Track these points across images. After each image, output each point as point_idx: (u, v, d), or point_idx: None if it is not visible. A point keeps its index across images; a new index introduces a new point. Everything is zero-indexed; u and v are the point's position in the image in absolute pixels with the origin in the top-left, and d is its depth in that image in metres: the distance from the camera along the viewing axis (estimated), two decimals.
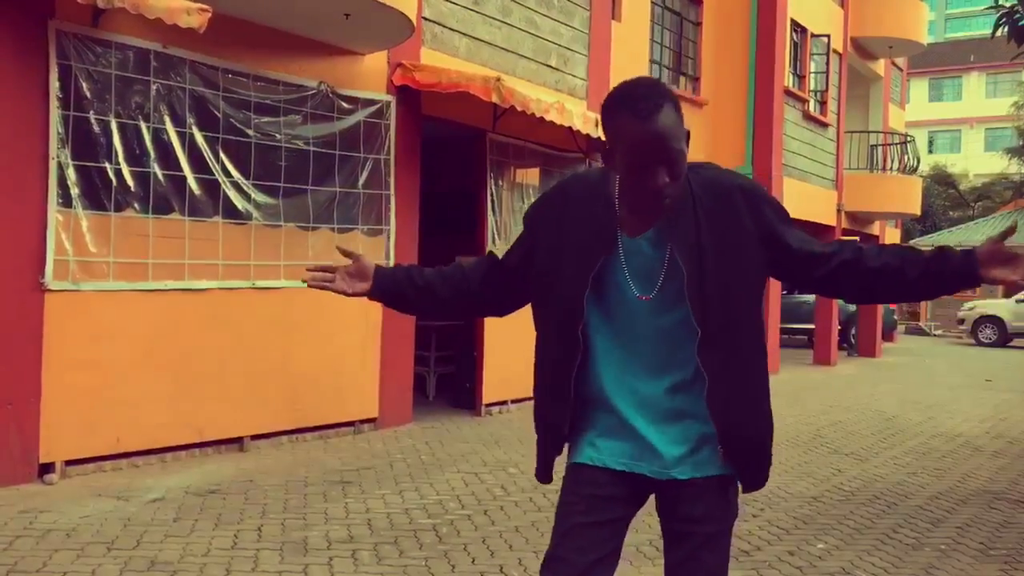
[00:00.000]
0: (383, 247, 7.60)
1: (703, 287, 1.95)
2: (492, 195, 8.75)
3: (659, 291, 1.99)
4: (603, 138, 2.01)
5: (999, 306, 25.11)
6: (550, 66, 9.55)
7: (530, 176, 9.33)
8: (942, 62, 51.07)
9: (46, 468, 5.48)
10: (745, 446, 2.06)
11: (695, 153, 11.37)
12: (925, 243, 32.50)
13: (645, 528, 5.04)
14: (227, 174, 6.40)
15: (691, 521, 2.06)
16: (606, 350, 2.06)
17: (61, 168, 5.49)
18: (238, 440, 6.56)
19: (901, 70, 23.17)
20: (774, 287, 14.29)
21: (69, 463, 5.60)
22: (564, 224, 2.04)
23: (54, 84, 5.44)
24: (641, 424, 2.04)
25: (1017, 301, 24.75)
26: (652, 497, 2.16)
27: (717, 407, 2.00)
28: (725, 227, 1.98)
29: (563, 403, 2.08)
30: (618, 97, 1.91)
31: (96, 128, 5.66)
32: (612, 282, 2.02)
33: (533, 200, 2.18)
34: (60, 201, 5.49)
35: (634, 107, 1.86)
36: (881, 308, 19.20)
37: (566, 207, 2.05)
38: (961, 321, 25.71)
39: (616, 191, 2.01)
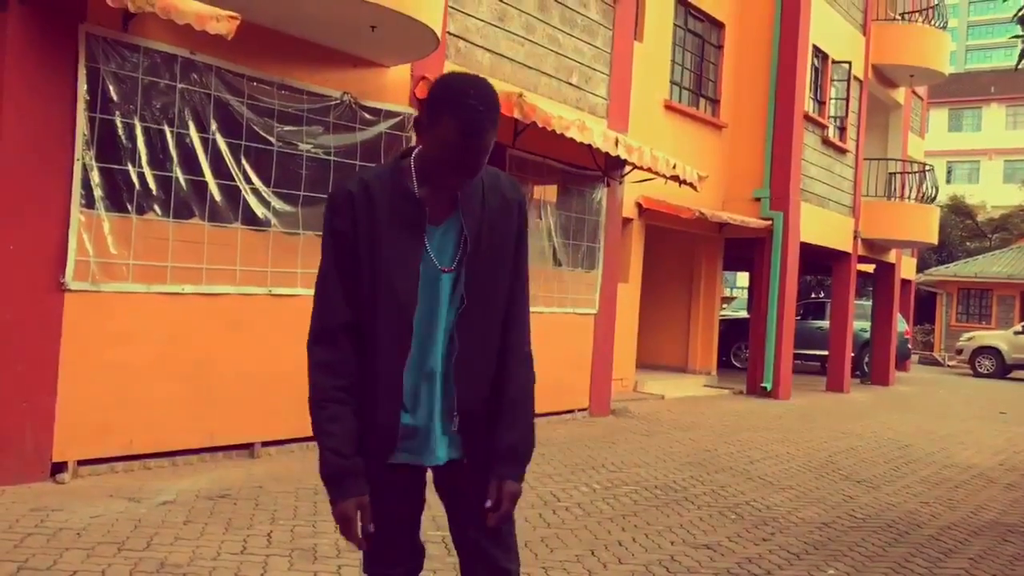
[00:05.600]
0: None
1: (475, 263, 2.16)
2: None
3: (457, 264, 2.16)
4: (427, 115, 2.05)
5: (997, 337, 25.00)
6: (571, 84, 9.59)
7: (548, 193, 9.36)
8: (962, 92, 50.96)
9: (58, 467, 5.50)
10: (474, 420, 2.20)
11: (714, 176, 11.35)
12: (941, 274, 32.38)
13: (655, 548, 5.01)
14: (248, 181, 6.44)
15: (484, 494, 2.19)
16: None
17: (85, 169, 5.54)
18: (249, 446, 6.57)
19: (921, 99, 23.15)
20: (789, 312, 14.25)
21: (81, 463, 5.62)
22: (375, 224, 2.11)
23: (82, 86, 5.50)
24: (434, 412, 2.18)
25: (1015, 333, 24.62)
26: None
27: (460, 376, 2.17)
28: (500, 223, 2.20)
29: (396, 398, 2.15)
30: (459, 97, 2.00)
31: (121, 131, 5.71)
32: (423, 265, 2.15)
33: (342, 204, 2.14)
34: (83, 202, 5.54)
35: (470, 119, 1.99)
36: (896, 337, 19.11)
37: (372, 206, 2.11)
38: (959, 351, 25.58)
39: (415, 185, 2.13)
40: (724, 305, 22.22)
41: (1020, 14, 8.04)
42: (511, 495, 2.18)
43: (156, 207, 5.92)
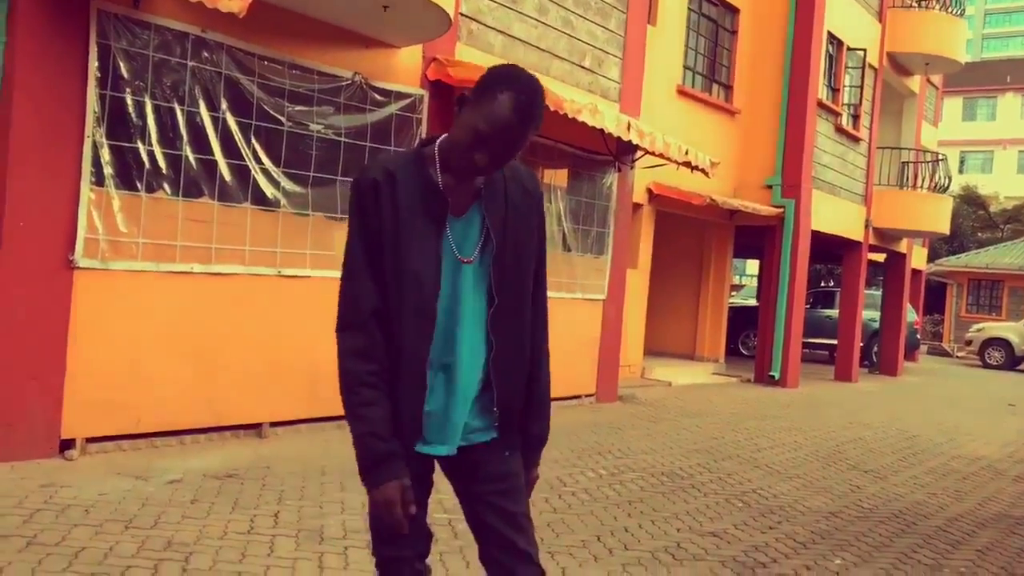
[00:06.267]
0: None
1: (502, 258, 2.18)
2: None
3: (479, 255, 2.17)
4: (482, 102, 2.05)
5: (1007, 328, 24.88)
6: (584, 67, 9.52)
7: (558, 177, 9.31)
8: (977, 81, 50.53)
9: (67, 444, 5.52)
10: (512, 412, 2.26)
11: (726, 162, 11.26)
12: (952, 264, 32.20)
13: (661, 535, 5.01)
14: (258, 161, 6.42)
15: (496, 479, 2.25)
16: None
17: (96, 147, 5.53)
18: (257, 426, 6.57)
19: (936, 88, 22.95)
20: (799, 300, 14.19)
21: (90, 440, 5.63)
22: (398, 212, 2.11)
23: (93, 63, 5.48)
24: (455, 400, 2.19)
25: None
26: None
27: (499, 375, 2.20)
28: (522, 217, 2.23)
29: (421, 386, 2.14)
30: (512, 79, 2.04)
31: (132, 109, 5.69)
32: (443, 255, 2.16)
33: (368, 187, 2.12)
34: (93, 180, 5.53)
35: (523, 98, 2.02)
36: (905, 327, 19.03)
37: (396, 194, 2.11)
38: (969, 342, 25.47)
39: (438, 174, 2.14)
40: (733, 293, 22.15)
41: None
42: (535, 480, 2.39)
43: (166, 185, 5.91)
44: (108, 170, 5.60)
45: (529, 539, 2.27)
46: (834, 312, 18.50)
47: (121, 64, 5.62)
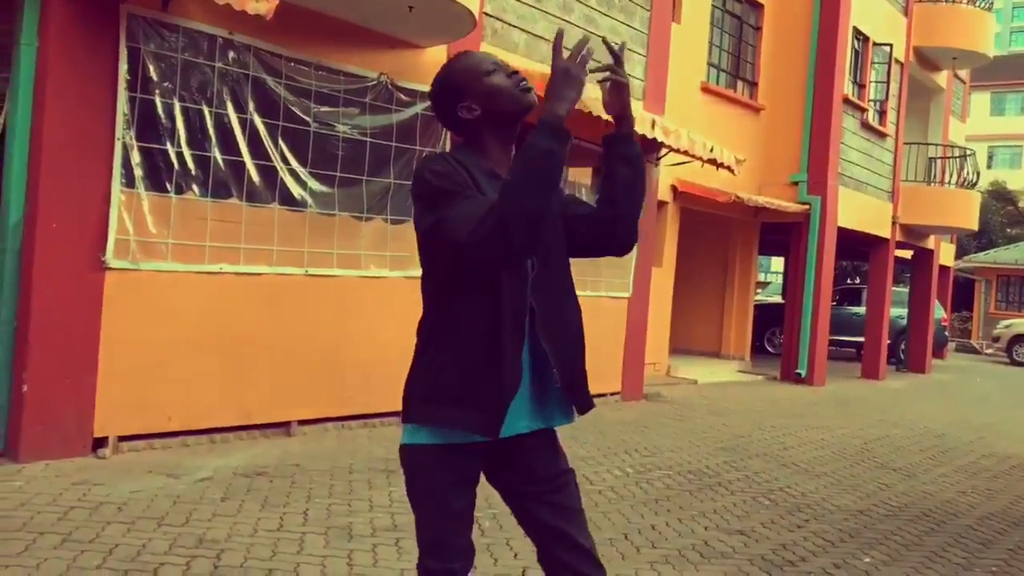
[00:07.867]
0: None
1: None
2: None
3: None
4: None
5: None
6: None
7: (583, 175, 9.31)
8: (1006, 75, 49.78)
9: (99, 442, 5.59)
10: (573, 373, 2.30)
11: (751, 159, 11.19)
12: (980, 260, 31.86)
13: (688, 533, 5.00)
14: (285, 161, 6.47)
15: (549, 478, 2.32)
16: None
17: (126, 149, 5.60)
18: (285, 424, 6.63)
19: (963, 82, 22.68)
20: (825, 298, 14.10)
21: (122, 439, 5.71)
22: (478, 183, 2.17)
23: (123, 66, 5.55)
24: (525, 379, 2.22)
25: None
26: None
27: (547, 335, 2.23)
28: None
29: (518, 362, 2.16)
30: (461, 60, 2.29)
31: (161, 111, 5.76)
32: None
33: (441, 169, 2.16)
34: (123, 181, 5.60)
35: (466, 50, 2.33)
36: (933, 324, 18.85)
37: (474, 180, 2.16)
38: (996, 339, 25.17)
39: (493, 163, 2.24)
40: (758, 290, 22.04)
41: None
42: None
43: (194, 187, 5.97)
44: (138, 172, 5.66)
45: (587, 534, 2.31)
46: (861, 309, 18.36)
47: (150, 67, 5.68)
